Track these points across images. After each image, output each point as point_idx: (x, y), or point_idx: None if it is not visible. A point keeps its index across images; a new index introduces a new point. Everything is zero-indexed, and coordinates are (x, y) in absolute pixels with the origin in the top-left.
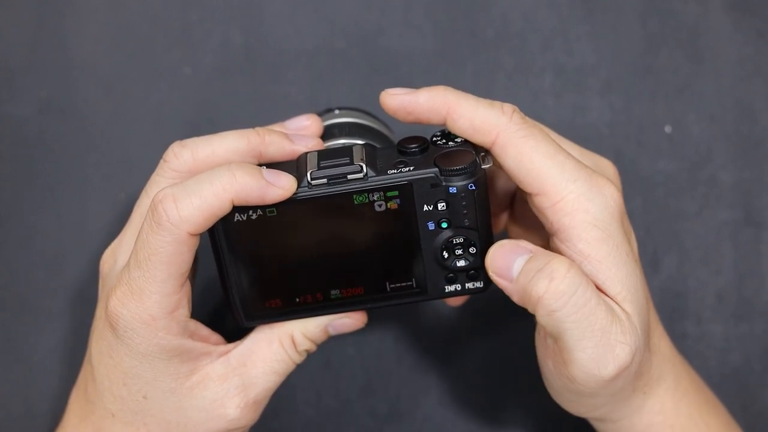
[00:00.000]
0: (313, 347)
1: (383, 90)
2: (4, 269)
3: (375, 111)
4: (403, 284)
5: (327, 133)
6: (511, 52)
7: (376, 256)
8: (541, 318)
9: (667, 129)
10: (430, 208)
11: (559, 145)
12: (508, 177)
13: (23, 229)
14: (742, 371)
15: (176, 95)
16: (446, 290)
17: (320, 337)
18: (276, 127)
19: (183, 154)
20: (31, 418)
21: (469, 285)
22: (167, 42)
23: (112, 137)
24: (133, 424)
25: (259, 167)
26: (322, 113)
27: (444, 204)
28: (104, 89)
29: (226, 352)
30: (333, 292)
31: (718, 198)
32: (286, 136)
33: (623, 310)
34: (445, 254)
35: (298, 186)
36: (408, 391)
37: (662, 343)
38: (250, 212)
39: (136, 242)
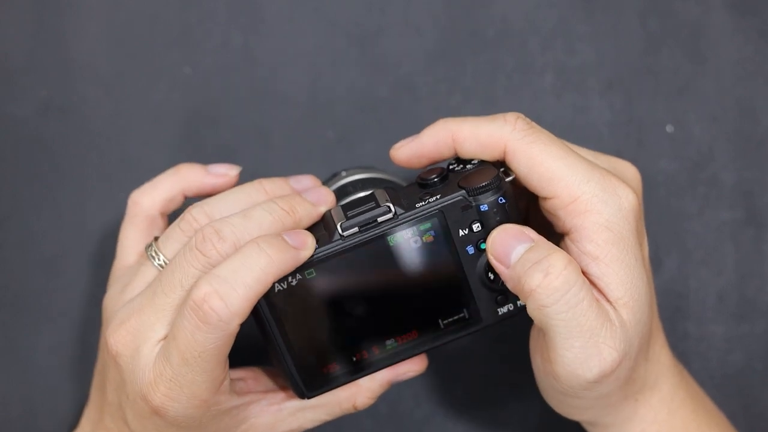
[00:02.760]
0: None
1: (391, 147)
2: (4, 269)
3: (377, 111)
4: (455, 318)
5: (342, 193)
6: (511, 52)
7: (424, 295)
8: (531, 311)
9: (668, 129)
10: (466, 232)
11: (570, 148)
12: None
13: (23, 229)
14: (744, 371)
15: (176, 95)
16: (500, 313)
17: (383, 391)
18: (279, 181)
19: (225, 248)
20: (31, 418)
21: (519, 303)
22: (167, 42)
23: (112, 137)
24: None
25: (282, 238)
26: (330, 179)
27: (478, 224)
28: (104, 89)
29: (278, 404)
30: (388, 342)
31: (719, 198)
32: (309, 202)
33: (619, 315)
34: (491, 275)
35: (331, 240)
36: (408, 391)
37: (663, 352)
38: (290, 278)
39: (178, 341)
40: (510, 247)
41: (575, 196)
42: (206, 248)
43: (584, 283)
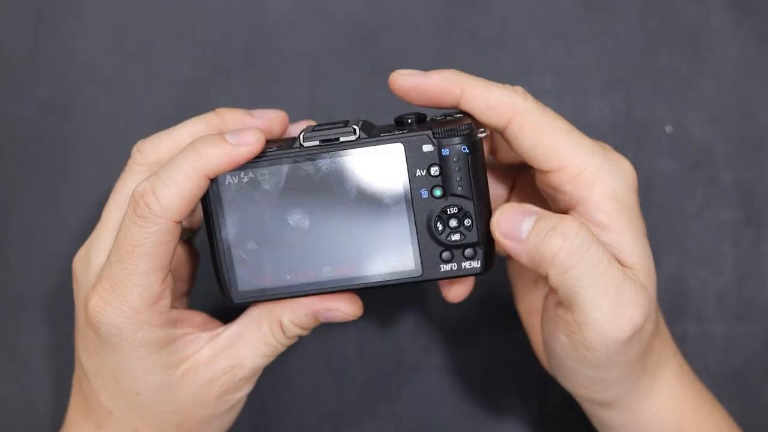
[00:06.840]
0: (303, 333)
1: (394, 72)
2: (4, 269)
3: (377, 111)
4: (396, 262)
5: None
6: (511, 52)
7: (369, 231)
8: (555, 278)
9: (668, 129)
10: (423, 173)
11: (572, 125)
12: (512, 158)
13: (23, 229)
14: (744, 371)
15: (176, 95)
16: (441, 270)
17: (310, 324)
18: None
19: (145, 147)
20: (31, 418)
21: (465, 265)
22: (167, 42)
23: (112, 137)
24: (130, 420)
25: (220, 134)
26: None
27: (437, 168)
28: (104, 89)
29: (215, 336)
30: (325, 269)
31: (718, 198)
32: (247, 111)
33: (638, 277)
34: (439, 226)
35: (290, 148)
36: (408, 391)
37: (666, 329)
38: (242, 174)
39: (117, 238)
40: (518, 222)
41: (581, 169)
42: (133, 152)
43: (600, 243)
